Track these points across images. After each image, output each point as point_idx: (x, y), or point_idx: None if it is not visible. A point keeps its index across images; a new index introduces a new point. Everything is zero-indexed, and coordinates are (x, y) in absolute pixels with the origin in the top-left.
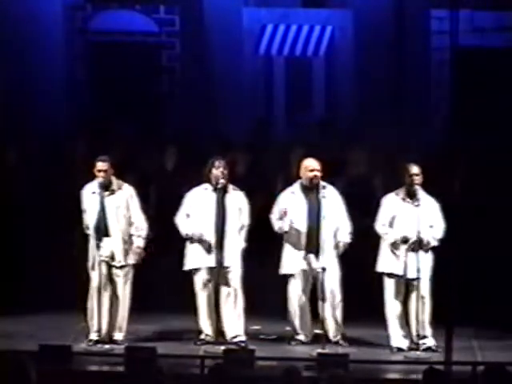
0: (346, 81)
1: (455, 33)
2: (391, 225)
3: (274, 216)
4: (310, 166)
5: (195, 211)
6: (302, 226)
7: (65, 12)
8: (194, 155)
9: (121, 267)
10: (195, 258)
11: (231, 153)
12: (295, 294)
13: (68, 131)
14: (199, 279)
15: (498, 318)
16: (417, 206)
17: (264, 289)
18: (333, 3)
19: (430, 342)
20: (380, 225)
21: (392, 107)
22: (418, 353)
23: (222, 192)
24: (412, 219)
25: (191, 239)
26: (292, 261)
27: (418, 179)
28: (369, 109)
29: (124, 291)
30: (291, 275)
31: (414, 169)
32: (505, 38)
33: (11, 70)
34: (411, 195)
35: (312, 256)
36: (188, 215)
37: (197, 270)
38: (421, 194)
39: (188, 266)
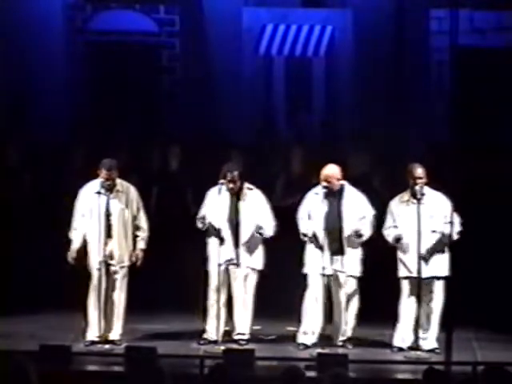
0: (346, 81)
1: (455, 33)
2: (395, 227)
3: (299, 217)
4: (323, 173)
5: (211, 211)
6: (320, 228)
7: (65, 12)
8: (193, 155)
9: (120, 268)
10: (213, 256)
11: (231, 153)
12: (312, 294)
13: (68, 131)
14: (213, 277)
15: (499, 319)
16: (422, 205)
17: (264, 289)
18: (333, 3)
19: (431, 344)
20: (384, 228)
21: (392, 107)
22: (418, 353)
23: (235, 196)
24: (414, 220)
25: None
26: (311, 261)
27: (421, 181)
28: (369, 109)
29: (121, 291)
30: (311, 275)
31: (418, 171)
32: (505, 38)
33: (11, 70)
34: (415, 196)
35: (330, 258)
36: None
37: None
38: (429, 193)
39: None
